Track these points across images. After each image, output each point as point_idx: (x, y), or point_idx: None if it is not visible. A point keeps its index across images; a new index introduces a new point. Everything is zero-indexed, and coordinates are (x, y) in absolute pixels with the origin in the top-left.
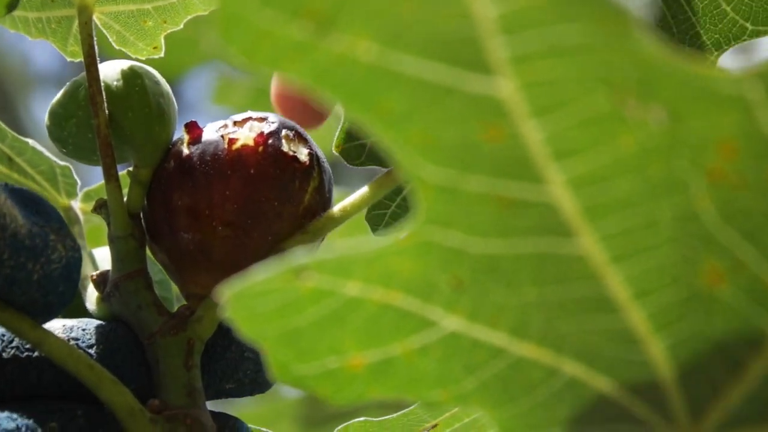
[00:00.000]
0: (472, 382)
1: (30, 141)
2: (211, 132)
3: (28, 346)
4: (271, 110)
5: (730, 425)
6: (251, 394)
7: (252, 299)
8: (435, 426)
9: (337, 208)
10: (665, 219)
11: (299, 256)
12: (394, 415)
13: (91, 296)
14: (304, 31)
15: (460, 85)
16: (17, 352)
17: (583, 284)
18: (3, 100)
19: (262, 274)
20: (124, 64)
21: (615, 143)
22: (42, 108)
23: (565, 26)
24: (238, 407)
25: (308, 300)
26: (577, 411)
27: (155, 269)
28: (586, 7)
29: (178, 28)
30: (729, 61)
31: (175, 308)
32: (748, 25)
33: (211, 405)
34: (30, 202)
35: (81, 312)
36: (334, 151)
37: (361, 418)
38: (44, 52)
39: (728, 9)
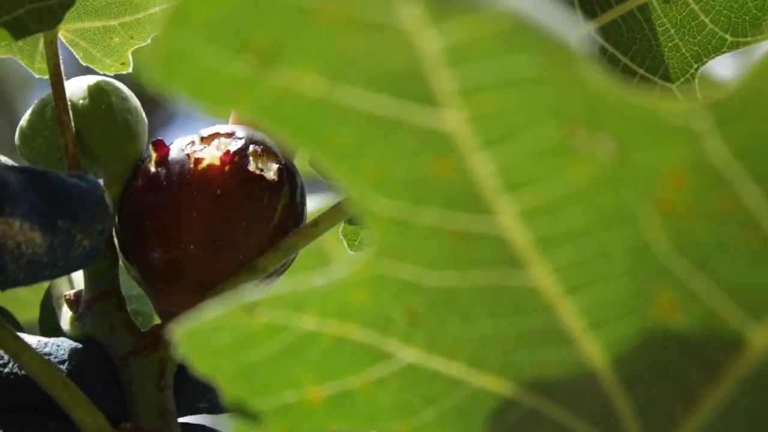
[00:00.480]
0: (431, 414)
1: (2, 158)
2: (177, 150)
3: (1, 361)
4: None
5: None
6: (225, 412)
7: (204, 336)
8: None
9: (310, 224)
10: (618, 250)
11: (250, 293)
12: None
13: (65, 316)
14: (248, 66)
15: (407, 119)
16: None
17: (537, 316)
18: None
19: (212, 312)
20: (91, 80)
21: (566, 174)
22: None
23: (511, 58)
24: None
25: (262, 335)
26: None
27: (133, 282)
28: (531, 40)
29: (146, 43)
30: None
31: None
32: (727, 36)
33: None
34: (59, 200)
35: (56, 331)
36: (309, 166)
37: None
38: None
39: (707, 20)
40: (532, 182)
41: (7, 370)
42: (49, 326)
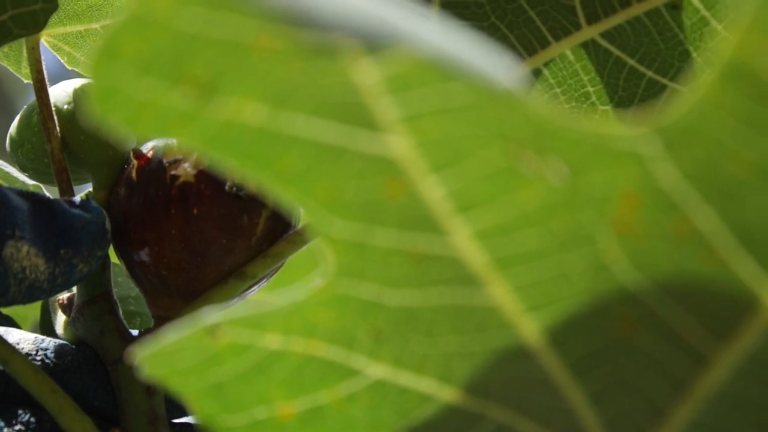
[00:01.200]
0: (403, 428)
1: (0, 162)
2: (155, 161)
3: None
4: None
5: None
6: None
7: (168, 357)
8: None
9: (301, 230)
10: (577, 270)
11: (210, 315)
12: None
13: (59, 320)
14: (186, 98)
15: (353, 145)
16: None
17: (499, 333)
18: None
19: (172, 336)
20: (77, 84)
21: (515, 197)
22: None
23: (451, 85)
24: None
25: (227, 354)
26: None
27: (132, 284)
28: (466, 69)
29: None
30: None
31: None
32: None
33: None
34: (63, 229)
35: (55, 334)
36: None
37: None
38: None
39: (719, 27)
40: (483, 204)
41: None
42: (48, 328)
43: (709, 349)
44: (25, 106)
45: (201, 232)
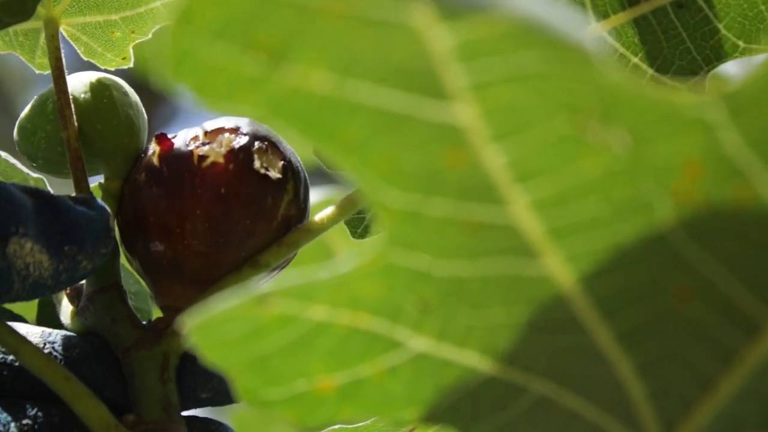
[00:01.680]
0: (443, 402)
1: (3, 154)
2: (181, 145)
3: (2, 349)
4: None
5: None
6: (230, 402)
7: (216, 328)
8: (412, 430)
9: (315, 220)
10: (631, 240)
11: (262, 285)
12: (368, 421)
13: (66, 310)
14: (256, 63)
15: (418, 113)
16: None
17: (550, 305)
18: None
19: (223, 305)
20: (92, 75)
21: (577, 166)
22: None
23: (523, 54)
24: (231, 409)
25: (274, 326)
26: (547, 429)
27: (131, 280)
28: (542, 36)
29: (147, 38)
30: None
31: (153, 318)
32: (740, 42)
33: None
34: (68, 226)
35: (54, 326)
36: (314, 155)
37: (336, 426)
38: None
39: (720, 26)
40: (544, 173)
41: (11, 357)
42: (47, 322)
43: (765, 319)
44: (35, 96)
45: (227, 211)
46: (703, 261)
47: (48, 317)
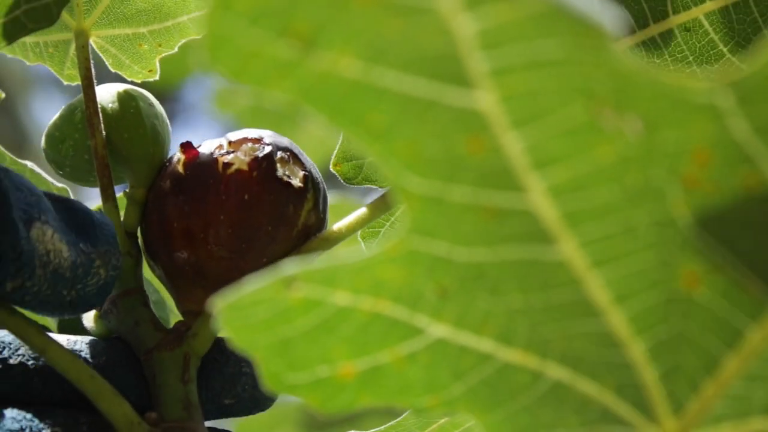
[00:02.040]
0: (460, 388)
1: (29, 164)
2: (206, 154)
3: (34, 354)
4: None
5: (709, 422)
6: (251, 411)
7: (243, 310)
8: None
9: (334, 229)
10: (643, 225)
11: (289, 267)
12: (382, 427)
13: (89, 314)
14: (290, 49)
15: (441, 99)
16: (23, 360)
17: (565, 290)
18: (3, 101)
19: (252, 286)
20: (119, 87)
21: (593, 153)
22: (42, 109)
23: (543, 41)
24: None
25: (298, 310)
26: (561, 414)
27: (150, 289)
28: (563, 23)
29: (173, 51)
30: None
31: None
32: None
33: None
34: (83, 225)
35: (77, 329)
36: (331, 169)
37: (383, 427)
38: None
39: (725, 50)
40: (561, 160)
41: (41, 362)
42: (69, 330)
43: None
44: (64, 105)
45: (249, 217)
46: (711, 246)
47: (70, 324)
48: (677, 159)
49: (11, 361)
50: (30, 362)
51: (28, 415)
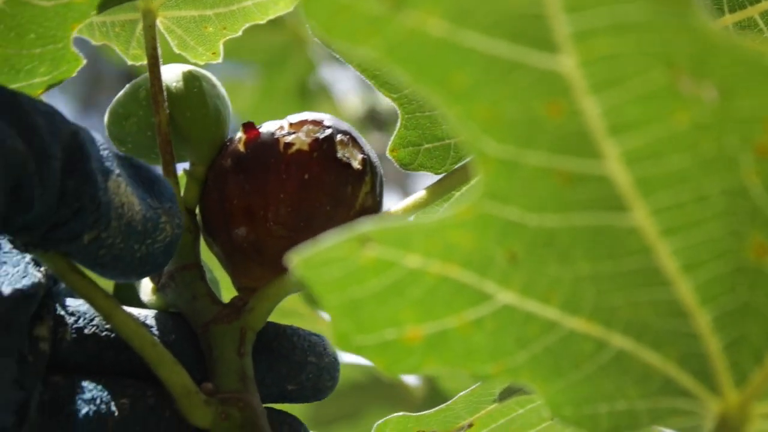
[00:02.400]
0: (524, 356)
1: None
2: (267, 133)
3: (107, 326)
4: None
5: None
6: (309, 399)
7: (318, 268)
8: (471, 425)
9: (390, 212)
10: (715, 194)
11: (364, 224)
12: (432, 410)
13: (146, 287)
14: (380, 5)
15: (524, 61)
16: (97, 330)
17: (634, 257)
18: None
19: (328, 242)
20: (184, 67)
21: (669, 119)
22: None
23: (626, 5)
24: None
25: (369, 271)
26: (622, 385)
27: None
28: None
29: (237, 35)
30: None
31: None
32: None
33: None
34: (147, 181)
35: (134, 302)
36: (388, 155)
37: (400, 413)
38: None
39: None
40: (637, 126)
41: (114, 334)
42: (125, 302)
43: None
44: (129, 83)
45: (309, 197)
46: None
47: (126, 297)
48: (751, 127)
49: (86, 332)
50: (103, 333)
51: (99, 386)
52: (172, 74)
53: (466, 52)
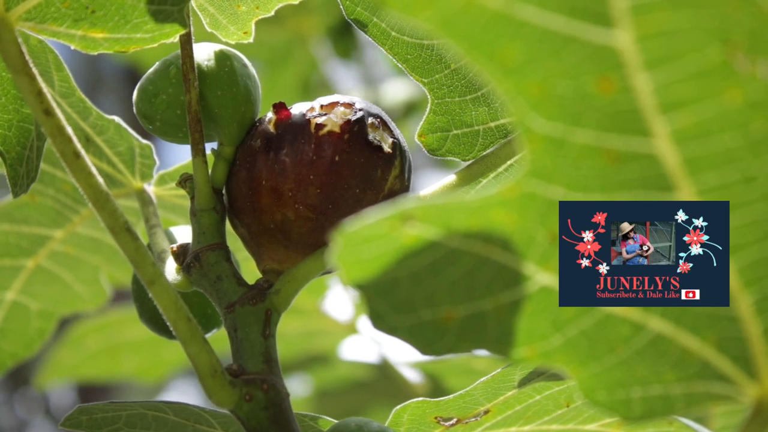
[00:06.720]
0: (558, 339)
1: (115, 118)
2: (298, 115)
3: None
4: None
5: None
6: None
7: (358, 245)
8: (488, 411)
9: (421, 195)
10: (763, 175)
11: (407, 201)
12: (451, 396)
13: (170, 268)
14: None
15: (580, 35)
16: None
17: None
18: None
19: (370, 218)
20: (215, 46)
21: (721, 96)
22: None
23: None
24: None
25: (409, 249)
26: (658, 369)
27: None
28: None
29: (269, 14)
30: None
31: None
32: None
33: None
34: None
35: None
36: (416, 140)
37: (419, 399)
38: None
39: None
40: (688, 104)
41: None
42: (140, 295)
43: None
44: (158, 61)
45: (338, 179)
46: None
47: (141, 290)
48: None
49: None
50: None
51: None
52: (203, 53)
53: (520, 26)
